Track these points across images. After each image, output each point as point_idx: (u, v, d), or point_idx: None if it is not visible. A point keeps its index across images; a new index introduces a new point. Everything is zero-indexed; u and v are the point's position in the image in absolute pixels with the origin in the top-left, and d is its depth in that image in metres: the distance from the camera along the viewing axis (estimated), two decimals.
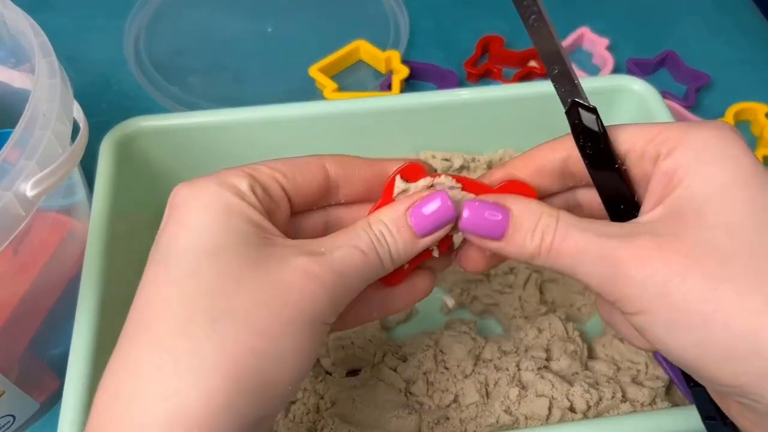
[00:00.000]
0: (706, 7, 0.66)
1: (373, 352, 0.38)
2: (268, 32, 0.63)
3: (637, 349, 0.40)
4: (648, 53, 0.60)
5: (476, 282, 0.44)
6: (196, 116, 0.45)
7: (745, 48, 0.62)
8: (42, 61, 0.35)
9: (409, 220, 0.25)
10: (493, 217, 0.25)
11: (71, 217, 0.42)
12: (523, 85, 0.49)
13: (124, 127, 0.44)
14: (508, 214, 0.25)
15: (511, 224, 0.25)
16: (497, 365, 0.38)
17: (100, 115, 0.54)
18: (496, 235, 0.25)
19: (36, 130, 0.32)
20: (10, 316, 0.37)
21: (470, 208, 0.25)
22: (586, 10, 0.65)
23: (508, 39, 0.61)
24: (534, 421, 0.36)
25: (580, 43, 0.62)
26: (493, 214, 0.25)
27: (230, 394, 0.20)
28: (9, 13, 0.37)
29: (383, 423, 0.35)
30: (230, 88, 0.58)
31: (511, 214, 0.25)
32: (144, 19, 0.63)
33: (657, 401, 0.38)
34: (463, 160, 0.47)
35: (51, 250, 0.39)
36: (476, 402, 0.37)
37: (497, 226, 0.25)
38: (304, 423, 0.36)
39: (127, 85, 0.58)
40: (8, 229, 0.32)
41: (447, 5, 0.66)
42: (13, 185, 0.31)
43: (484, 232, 0.25)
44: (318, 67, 0.56)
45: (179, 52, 0.61)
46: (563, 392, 0.36)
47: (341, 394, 0.36)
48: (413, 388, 0.37)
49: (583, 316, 0.43)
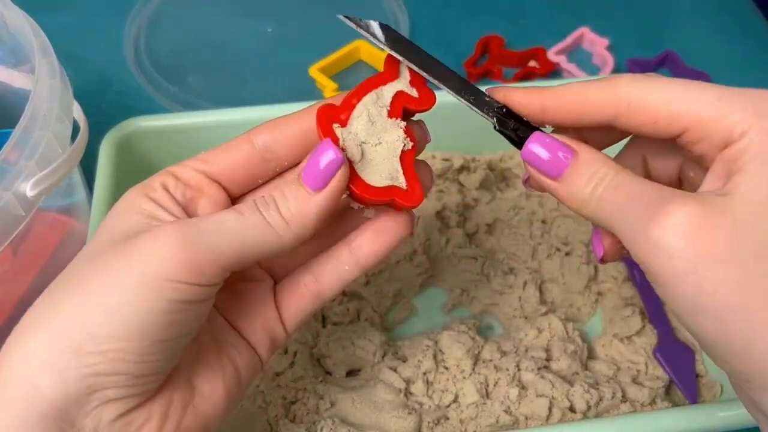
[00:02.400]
0: (706, 7, 0.66)
1: (373, 352, 0.38)
2: (268, 32, 0.63)
3: (637, 349, 0.40)
4: (648, 53, 0.60)
5: (476, 282, 0.44)
6: (196, 116, 0.45)
7: (745, 48, 0.62)
8: (42, 61, 0.35)
9: (300, 178, 0.24)
10: (557, 154, 0.25)
11: (71, 217, 0.42)
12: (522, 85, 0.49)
13: (124, 127, 0.44)
14: (572, 156, 0.25)
15: (571, 167, 0.24)
16: (497, 365, 0.38)
17: (100, 115, 0.54)
18: (553, 173, 0.25)
19: (36, 130, 0.32)
20: (10, 316, 0.37)
21: (536, 140, 0.25)
22: (586, 10, 0.65)
23: (508, 39, 0.61)
24: (534, 421, 0.36)
25: (580, 43, 0.62)
26: (559, 151, 0.25)
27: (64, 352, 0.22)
28: (9, 13, 0.37)
29: (383, 423, 0.35)
30: (230, 88, 0.58)
31: (576, 157, 0.25)
32: (144, 19, 0.63)
33: (657, 401, 0.38)
34: (463, 160, 0.47)
35: (51, 250, 0.39)
36: (476, 402, 0.37)
37: (558, 164, 0.25)
38: (304, 423, 0.36)
39: (127, 85, 0.58)
40: (8, 229, 0.32)
41: (447, 5, 0.66)
42: (13, 185, 0.31)
43: (543, 167, 0.25)
44: (318, 67, 0.56)
45: (179, 52, 0.61)
46: (563, 392, 0.36)
47: (341, 394, 0.36)
48: (413, 388, 0.37)
49: (583, 316, 0.43)
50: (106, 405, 0.23)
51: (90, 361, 0.22)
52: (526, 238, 0.46)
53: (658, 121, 0.24)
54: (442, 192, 0.47)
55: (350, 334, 0.39)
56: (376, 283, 0.43)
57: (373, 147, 0.25)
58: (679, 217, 0.21)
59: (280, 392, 0.37)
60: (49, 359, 0.22)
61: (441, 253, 0.45)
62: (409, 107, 0.26)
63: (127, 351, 0.22)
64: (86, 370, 0.22)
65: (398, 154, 0.26)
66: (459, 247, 0.45)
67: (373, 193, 0.25)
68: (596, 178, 0.24)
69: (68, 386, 0.22)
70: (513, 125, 0.26)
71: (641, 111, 0.24)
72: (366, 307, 0.42)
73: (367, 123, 0.25)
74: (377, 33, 0.26)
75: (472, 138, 0.46)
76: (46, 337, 0.22)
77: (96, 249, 0.24)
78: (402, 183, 0.26)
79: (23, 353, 0.22)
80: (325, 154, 0.24)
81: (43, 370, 0.22)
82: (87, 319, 0.22)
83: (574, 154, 0.25)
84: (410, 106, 0.26)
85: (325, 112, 0.25)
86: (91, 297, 0.22)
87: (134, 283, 0.22)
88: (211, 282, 0.23)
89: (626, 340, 0.41)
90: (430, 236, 0.44)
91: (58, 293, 0.23)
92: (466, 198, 0.47)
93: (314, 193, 0.24)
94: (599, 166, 0.24)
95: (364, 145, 0.25)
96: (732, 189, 0.22)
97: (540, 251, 0.45)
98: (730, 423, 0.32)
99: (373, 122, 0.25)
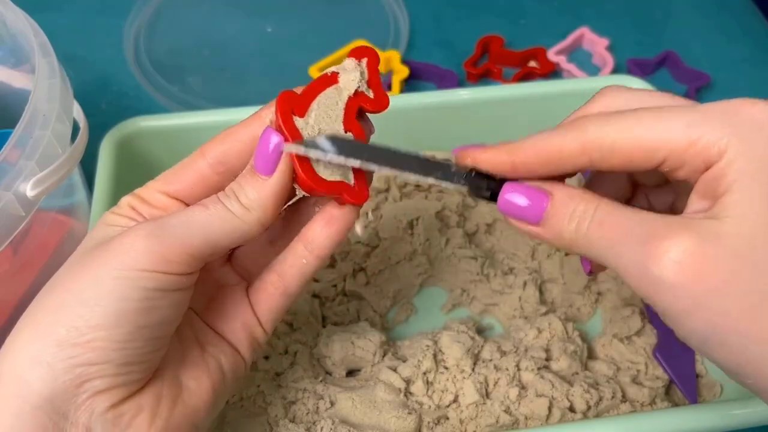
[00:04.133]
0: (706, 7, 0.66)
1: (373, 352, 0.38)
2: (268, 32, 0.63)
3: (637, 349, 0.40)
4: (648, 53, 0.60)
5: (476, 282, 0.44)
6: (196, 116, 0.45)
7: (745, 48, 0.62)
8: (42, 61, 0.35)
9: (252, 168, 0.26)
10: (530, 200, 0.25)
11: (71, 217, 0.42)
12: (523, 85, 0.49)
13: (124, 127, 0.44)
14: (547, 199, 0.25)
15: (549, 210, 0.24)
16: (497, 365, 0.38)
17: (100, 115, 0.54)
18: (533, 219, 0.25)
19: (36, 130, 0.32)
20: (10, 316, 0.37)
21: (509, 190, 0.25)
22: (586, 10, 0.65)
23: (508, 39, 0.61)
24: (534, 421, 0.36)
25: (580, 43, 0.62)
26: (532, 197, 0.25)
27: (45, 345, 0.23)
28: (9, 13, 0.37)
29: (383, 423, 0.35)
30: (230, 88, 0.58)
31: (551, 200, 0.25)
32: (144, 19, 0.63)
33: (657, 401, 0.38)
34: None
35: (51, 250, 0.39)
36: (476, 402, 0.37)
37: (535, 210, 0.25)
38: (304, 423, 0.36)
39: (127, 85, 0.58)
40: (8, 229, 0.32)
41: (447, 5, 0.66)
42: (13, 185, 0.31)
43: (522, 215, 0.25)
44: (318, 67, 0.56)
45: (179, 52, 0.61)
46: (563, 392, 0.36)
47: (341, 394, 0.36)
48: (413, 388, 0.37)
49: (583, 316, 0.43)
50: (97, 396, 0.24)
51: (75, 352, 0.23)
52: (526, 238, 0.46)
53: (634, 161, 0.23)
54: (442, 192, 0.47)
55: (350, 334, 0.39)
56: (376, 283, 0.43)
57: None
58: (677, 253, 0.21)
59: (280, 392, 0.37)
60: (37, 354, 0.23)
61: (441, 253, 0.45)
62: (365, 107, 0.28)
63: (109, 339, 0.23)
64: (72, 361, 0.23)
65: None
66: (459, 247, 0.45)
67: (322, 185, 0.26)
68: (577, 215, 0.24)
69: (57, 378, 0.23)
70: (487, 185, 0.26)
71: (615, 155, 0.24)
72: (366, 307, 0.42)
73: (324, 116, 0.27)
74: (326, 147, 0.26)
75: (472, 138, 0.46)
76: (34, 335, 0.24)
77: (73, 259, 0.26)
78: (351, 180, 0.27)
79: (14, 352, 0.24)
80: (270, 139, 0.25)
81: (33, 364, 0.23)
82: (69, 313, 0.23)
83: (549, 197, 0.25)
84: (366, 106, 0.28)
85: (286, 99, 0.26)
86: (72, 294, 0.24)
87: (110, 275, 0.24)
88: (181, 270, 0.25)
89: (626, 340, 0.41)
90: (430, 236, 0.44)
91: (42, 296, 0.25)
92: (466, 198, 0.47)
93: (267, 177, 0.26)
94: (577, 202, 0.24)
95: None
96: (721, 212, 0.22)
97: (540, 251, 0.45)
98: (730, 423, 0.32)
99: (329, 116, 0.27)
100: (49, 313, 0.24)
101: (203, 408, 0.27)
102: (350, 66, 0.28)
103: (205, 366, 0.28)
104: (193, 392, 0.27)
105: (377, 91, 0.28)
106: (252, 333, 0.30)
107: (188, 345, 0.28)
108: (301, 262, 0.28)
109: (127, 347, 0.24)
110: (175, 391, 0.26)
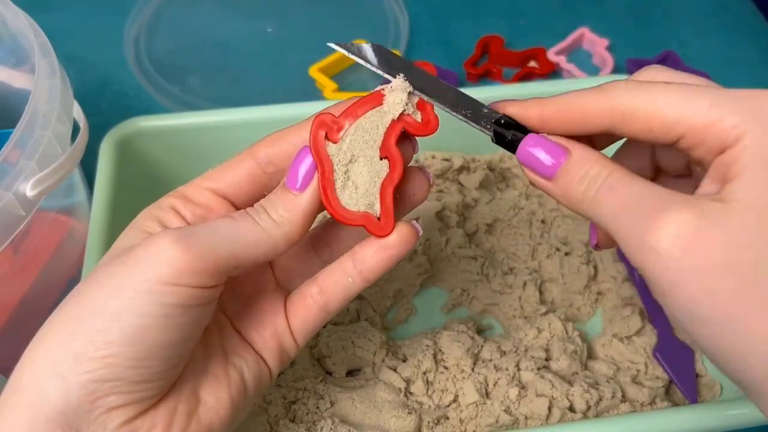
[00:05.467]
0: (706, 7, 0.66)
1: (373, 352, 0.38)
2: (268, 32, 0.63)
3: (637, 349, 0.40)
4: (648, 53, 0.60)
5: (476, 282, 0.44)
6: (196, 116, 0.45)
7: (745, 48, 0.62)
8: (42, 61, 0.35)
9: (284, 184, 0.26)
10: (548, 154, 0.25)
11: (71, 217, 0.42)
12: (522, 85, 0.49)
13: (124, 127, 0.44)
14: (564, 155, 0.25)
15: (563, 166, 0.25)
16: (497, 365, 0.38)
17: (100, 115, 0.54)
18: (547, 173, 0.25)
19: (36, 130, 0.32)
20: (10, 316, 0.37)
21: (530, 141, 0.26)
22: (586, 10, 0.65)
23: (508, 39, 0.61)
24: (534, 421, 0.36)
25: (580, 43, 0.62)
26: (552, 150, 0.25)
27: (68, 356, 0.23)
28: (9, 13, 0.37)
29: (383, 423, 0.35)
30: (230, 88, 0.58)
31: (569, 156, 0.25)
32: (144, 19, 0.63)
33: (657, 401, 0.38)
34: (463, 160, 0.47)
35: (51, 250, 0.39)
36: (476, 402, 0.37)
37: (551, 164, 0.25)
38: (304, 423, 0.36)
39: (127, 85, 0.58)
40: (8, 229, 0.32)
41: (447, 5, 0.66)
42: (13, 185, 0.31)
43: (537, 167, 0.25)
44: (318, 67, 0.57)
45: (179, 52, 0.61)
46: (563, 392, 0.36)
47: (341, 394, 0.36)
48: (413, 387, 0.37)
49: (582, 316, 0.43)
50: (110, 412, 0.23)
51: (91, 367, 0.23)
52: (526, 238, 0.46)
53: (653, 130, 0.24)
54: (442, 192, 0.47)
55: (350, 334, 0.39)
56: (376, 283, 0.43)
57: (359, 167, 0.26)
58: (675, 226, 0.21)
59: (280, 392, 0.37)
60: (53, 366, 0.23)
61: (441, 253, 0.45)
62: (409, 131, 0.26)
63: (124, 356, 0.23)
64: (87, 376, 0.23)
65: (380, 181, 0.26)
66: (459, 247, 0.45)
67: (346, 217, 0.26)
68: (589, 177, 0.24)
69: (71, 392, 0.23)
70: (511, 135, 0.26)
71: (635, 121, 0.24)
72: (366, 307, 0.42)
73: (360, 141, 0.26)
74: (369, 56, 0.26)
75: (472, 138, 0.46)
76: (51, 346, 0.23)
77: (100, 265, 0.25)
78: (377, 211, 0.26)
79: (33, 361, 0.23)
80: (305, 159, 0.26)
81: (48, 376, 0.23)
82: (88, 326, 0.23)
83: (567, 154, 0.25)
84: (410, 130, 0.26)
85: (320, 123, 0.26)
86: (91, 306, 0.23)
87: (132, 288, 0.23)
88: (206, 284, 0.24)
89: (626, 340, 0.41)
90: (430, 236, 0.44)
91: (65, 305, 0.24)
92: (466, 198, 0.47)
93: (299, 193, 0.26)
94: (592, 164, 0.24)
95: (349, 165, 0.26)
96: (728, 195, 0.22)
97: (540, 251, 0.45)
98: (730, 423, 0.32)
99: (365, 141, 0.26)
100: (69, 324, 0.23)
101: (220, 424, 0.26)
102: (398, 86, 0.26)
103: (227, 379, 0.27)
104: (210, 407, 0.26)
105: (426, 114, 0.26)
106: (282, 343, 0.29)
107: (213, 353, 0.27)
108: (347, 280, 0.28)
109: (142, 365, 0.23)
110: (192, 406, 0.26)
